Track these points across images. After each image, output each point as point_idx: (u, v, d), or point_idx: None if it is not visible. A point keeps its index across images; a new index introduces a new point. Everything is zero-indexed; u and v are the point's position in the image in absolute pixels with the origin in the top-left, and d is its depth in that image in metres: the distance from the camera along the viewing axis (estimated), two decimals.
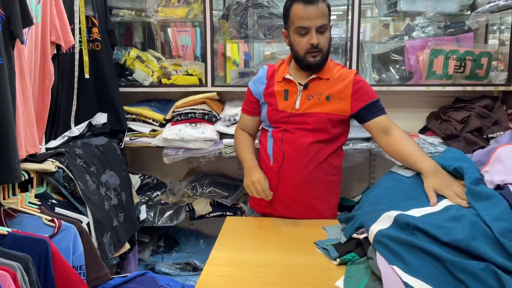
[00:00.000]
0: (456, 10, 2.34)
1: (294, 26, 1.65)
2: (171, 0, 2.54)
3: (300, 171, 1.72)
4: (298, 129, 1.72)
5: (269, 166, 1.77)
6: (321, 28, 1.63)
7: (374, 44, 2.55)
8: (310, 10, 1.61)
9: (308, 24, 1.62)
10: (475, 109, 2.20)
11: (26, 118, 1.56)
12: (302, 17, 1.62)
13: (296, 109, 1.72)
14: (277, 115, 1.75)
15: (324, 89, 1.71)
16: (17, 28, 1.40)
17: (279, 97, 1.75)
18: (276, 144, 1.75)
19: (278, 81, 1.77)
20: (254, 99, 1.83)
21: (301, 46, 1.65)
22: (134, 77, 2.51)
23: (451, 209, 1.24)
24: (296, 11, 1.63)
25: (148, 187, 2.59)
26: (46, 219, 1.56)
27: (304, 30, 1.63)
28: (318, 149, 1.72)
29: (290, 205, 1.76)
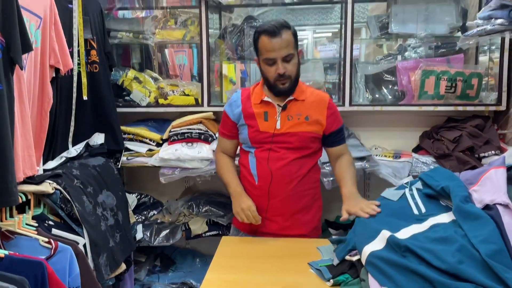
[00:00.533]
0: (446, 32, 2.40)
1: (262, 57, 1.75)
2: (168, 23, 2.60)
3: (286, 187, 1.81)
4: (281, 147, 1.81)
5: (254, 185, 1.83)
6: (287, 57, 1.73)
7: (367, 65, 2.61)
8: (275, 42, 1.70)
9: (274, 56, 1.72)
10: (467, 128, 2.24)
11: (25, 141, 1.59)
12: (268, 49, 1.72)
13: (277, 129, 1.80)
14: (259, 136, 1.82)
15: (302, 110, 1.81)
16: (16, 54, 1.43)
17: (259, 119, 1.82)
18: (260, 163, 1.82)
19: (256, 103, 1.83)
20: (231, 122, 1.88)
21: (270, 75, 1.76)
22: (132, 97, 2.55)
23: (438, 228, 1.28)
24: (263, 43, 1.73)
25: (145, 206, 2.60)
26: (43, 240, 1.57)
27: (271, 61, 1.73)
28: (301, 164, 1.83)
29: (278, 220, 1.83)
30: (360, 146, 2.39)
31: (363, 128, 2.61)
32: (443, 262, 1.12)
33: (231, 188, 1.86)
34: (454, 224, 1.28)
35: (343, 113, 2.48)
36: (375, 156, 2.35)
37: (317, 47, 4.77)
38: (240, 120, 1.85)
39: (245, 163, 1.88)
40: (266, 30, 1.71)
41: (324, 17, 5.11)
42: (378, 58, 2.84)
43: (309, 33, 4.64)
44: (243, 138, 1.87)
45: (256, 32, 1.77)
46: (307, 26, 4.91)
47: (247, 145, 1.87)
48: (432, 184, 1.48)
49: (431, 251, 1.17)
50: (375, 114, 2.53)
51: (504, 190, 1.29)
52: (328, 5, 4.45)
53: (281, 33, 1.70)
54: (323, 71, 2.62)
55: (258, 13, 2.88)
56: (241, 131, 1.87)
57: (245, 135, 1.85)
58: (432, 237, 1.24)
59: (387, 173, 2.21)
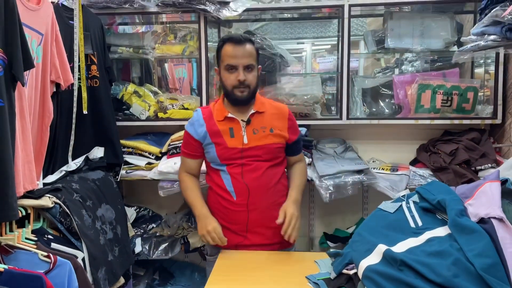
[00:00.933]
0: (442, 46, 2.44)
1: (224, 64, 1.80)
2: (168, 37, 2.63)
3: (264, 198, 1.85)
4: (252, 161, 1.84)
5: (233, 201, 1.85)
6: (248, 67, 1.79)
7: (364, 79, 2.64)
8: (238, 50, 1.78)
9: (235, 62, 1.77)
10: (463, 141, 2.26)
11: (25, 156, 1.61)
12: (231, 55, 1.78)
13: (245, 144, 1.83)
14: (228, 153, 1.84)
15: (266, 122, 1.87)
16: (18, 71, 1.46)
17: (225, 136, 1.84)
18: (235, 178, 1.84)
19: (219, 120, 1.86)
20: (196, 142, 1.89)
21: (229, 82, 1.80)
22: (131, 111, 2.58)
23: (434, 241, 1.28)
24: (226, 50, 1.79)
25: (144, 219, 2.61)
26: (42, 254, 1.57)
27: (232, 68, 1.78)
28: (274, 173, 1.88)
29: (261, 232, 1.86)
30: (357, 159, 2.41)
31: (361, 141, 2.64)
32: (439, 276, 1.13)
33: (196, 209, 1.88)
34: (450, 237, 1.30)
35: (340, 126, 2.53)
36: (372, 169, 2.36)
37: (316, 59, 4.82)
38: (206, 139, 1.86)
39: (218, 181, 1.88)
40: (231, 38, 1.81)
41: (322, 30, 5.16)
42: (376, 71, 2.88)
43: (308, 46, 4.68)
44: (211, 157, 1.88)
45: (221, 40, 1.84)
46: (306, 39, 4.95)
47: (216, 163, 1.88)
48: (429, 197, 1.50)
49: (427, 264, 1.18)
50: (372, 127, 2.56)
51: (499, 204, 1.30)
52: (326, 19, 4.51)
53: (245, 43, 1.79)
54: (320, 85, 2.65)
55: (256, 28, 2.93)
56: (208, 150, 1.88)
57: (213, 154, 1.86)
58: (428, 251, 1.25)
59: (385, 186, 2.23)
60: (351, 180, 2.25)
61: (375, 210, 1.63)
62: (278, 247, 1.88)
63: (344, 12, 2.35)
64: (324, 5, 2.56)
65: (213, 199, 1.92)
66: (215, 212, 1.91)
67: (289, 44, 3.92)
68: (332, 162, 2.37)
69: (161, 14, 2.57)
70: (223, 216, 1.88)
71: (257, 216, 1.84)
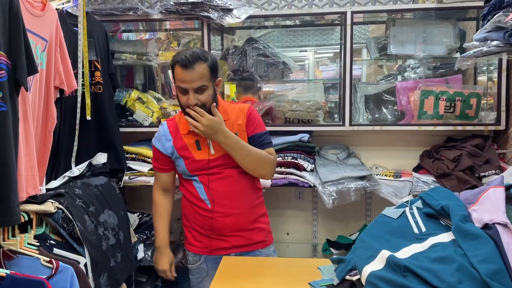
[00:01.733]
0: (445, 53, 2.44)
1: (176, 85, 1.78)
2: (171, 44, 2.65)
3: (240, 201, 1.87)
4: (222, 169, 1.85)
5: (208, 209, 1.87)
6: (199, 89, 1.74)
7: (367, 85, 2.64)
8: (186, 74, 1.71)
9: (185, 86, 1.74)
10: (467, 148, 2.25)
11: (28, 161, 1.61)
12: (180, 79, 1.74)
13: (212, 154, 1.84)
14: (196, 165, 1.85)
15: (230, 128, 1.82)
16: (22, 76, 1.47)
17: (192, 149, 1.85)
18: (208, 187, 1.86)
19: (185, 134, 1.86)
20: (165, 157, 1.90)
21: (183, 103, 1.78)
22: (135, 117, 2.59)
23: (438, 247, 1.27)
24: (176, 73, 1.75)
25: (146, 225, 2.60)
26: (44, 260, 1.57)
27: (183, 90, 1.75)
28: (245, 176, 1.89)
29: (240, 234, 1.89)
30: (360, 165, 2.40)
31: (364, 147, 2.63)
32: (443, 282, 1.12)
33: (156, 240, 1.99)
34: (454, 243, 1.29)
35: (344, 132, 2.53)
36: (375, 176, 2.36)
37: (318, 67, 4.83)
38: (174, 154, 1.88)
39: (192, 190, 1.90)
40: (179, 61, 1.72)
41: (325, 38, 5.18)
42: (379, 78, 2.89)
43: (311, 54, 4.70)
44: (181, 170, 1.90)
45: (173, 61, 1.77)
46: (308, 47, 4.97)
47: (186, 175, 1.90)
48: (432, 203, 1.49)
49: (431, 270, 1.17)
50: (375, 133, 2.55)
51: (503, 210, 1.30)
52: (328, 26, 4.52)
53: (194, 66, 1.70)
54: (323, 91, 2.66)
55: (259, 35, 2.94)
56: (177, 163, 1.90)
57: (182, 167, 1.88)
58: (432, 256, 1.24)
59: (388, 192, 2.22)
60: (354, 186, 2.24)
61: (378, 216, 1.62)
62: (258, 246, 1.92)
63: (347, 19, 2.36)
64: (327, 12, 2.57)
65: (187, 207, 1.95)
66: (190, 220, 1.95)
67: (292, 52, 3.94)
68: (335, 168, 2.37)
69: (165, 21, 2.59)
70: (199, 223, 1.91)
71: (235, 220, 1.87)
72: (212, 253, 1.91)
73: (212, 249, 1.90)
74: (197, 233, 1.93)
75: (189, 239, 1.98)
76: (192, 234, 1.96)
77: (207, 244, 1.90)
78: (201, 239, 1.92)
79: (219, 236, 1.89)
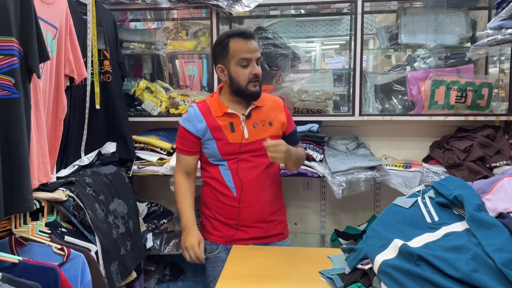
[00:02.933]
0: (456, 42, 2.41)
1: (236, 59, 1.78)
2: (180, 34, 2.63)
3: (264, 192, 1.88)
4: (253, 156, 1.85)
5: (233, 197, 1.86)
6: (258, 61, 1.81)
7: (377, 75, 2.62)
8: (251, 44, 1.78)
9: (250, 56, 1.77)
10: (478, 138, 2.23)
11: (40, 149, 1.61)
12: (244, 49, 1.77)
13: (246, 138, 1.84)
14: (229, 148, 1.84)
15: (264, 115, 1.87)
16: (34, 63, 1.46)
17: (226, 131, 1.84)
18: (236, 174, 1.85)
19: (218, 116, 1.85)
20: (194, 138, 1.87)
21: (244, 77, 1.78)
22: (143, 107, 2.58)
23: (451, 236, 1.27)
24: (237, 45, 1.77)
25: (155, 215, 2.61)
26: (56, 247, 1.58)
27: (246, 62, 1.77)
28: (272, 167, 1.90)
29: (261, 226, 1.89)
30: (370, 156, 2.39)
31: (373, 137, 2.62)
32: (457, 271, 1.11)
33: (182, 220, 1.91)
34: (468, 232, 1.28)
35: (353, 122, 2.51)
36: (385, 166, 2.35)
37: (324, 59, 4.81)
38: (206, 135, 1.85)
39: (218, 176, 1.88)
40: (243, 32, 1.80)
41: (332, 29, 5.15)
42: (387, 69, 2.86)
43: (318, 45, 4.68)
44: (210, 152, 1.87)
45: (227, 35, 1.81)
46: (316, 37, 4.95)
47: (215, 159, 1.88)
48: (445, 192, 1.48)
49: (445, 259, 1.16)
50: (385, 124, 2.54)
51: None
52: (336, 17, 4.48)
53: (254, 37, 1.82)
54: (332, 81, 2.64)
55: (268, 25, 2.92)
56: (207, 145, 1.87)
57: (213, 149, 1.85)
58: (446, 246, 1.23)
59: (398, 182, 2.21)
60: (364, 176, 2.23)
61: (390, 206, 1.61)
62: (275, 239, 1.93)
63: (358, 8, 2.33)
64: (337, 0, 2.54)
65: (209, 195, 1.93)
66: (212, 208, 1.93)
67: (299, 43, 3.92)
68: (344, 159, 2.36)
69: (173, 10, 2.57)
70: (220, 211, 1.90)
71: (258, 211, 1.87)
72: (230, 243, 1.89)
73: (231, 239, 1.88)
74: (218, 223, 1.92)
75: (207, 227, 1.96)
76: (212, 224, 1.94)
77: (226, 234, 1.89)
78: (220, 228, 1.90)
79: (241, 227, 1.88)
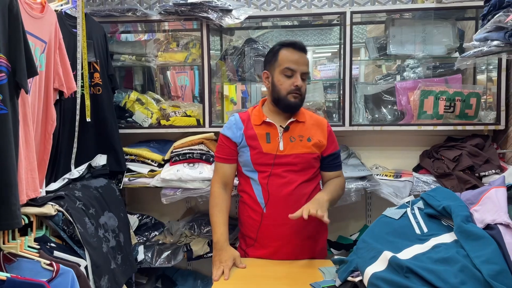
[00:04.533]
0: (444, 53, 2.44)
1: (281, 67, 1.78)
2: (170, 45, 2.64)
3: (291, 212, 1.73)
4: (286, 171, 1.79)
5: (262, 213, 1.81)
6: (304, 75, 1.78)
7: (366, 85, 2.64)
8: (299, 56, 1.78)
9: (295, 67, 1.76)
10: (467, 148, 2.25)
11: (28, 164, 1.60)
12: (292, 60, 1.76)
13: (280, 150, 1.79)
14: (262, 158, 1.80)
15: (304, 131, 1.83)
16: (22, 79, 1.46)
17: (261, 140, 1.81)
18: (266, 190, 1.80)
19: (256, 125, 1.83)
20: (232, 144, 1.85)
21: (285, 86, 1.77)
22: (134, 118, 2.58)
23: (440, 248, 1.27)
24: (285, 54, 1.78)
25: (146, 227, 2.59)
26: (45, 263, 1.57)
27: (290, 72, 1.76)
28: (307, 187, 1.82)
29: (289, 247, 1.80)
30: (360, 166, 2.40)
31: (364, 147, 2.63)
32: (446, 283, 1.12)
33: (214, 235, 1.81)
34: (456, 244, 1.29)
35: (343, 132, 2.52)
36: (375, 176, 2.36)
37: (317, 67, 4.84)
38: (242, 142, 1.83)
39: (249, 191, 1.84)
40: (294, 43, 1.80)
41: (323, 38, 5.18)
42: (377, 78, 2.89)
43: (309, 54, 4.70)
44: (244, 161, 1.84)
45: (280, 44, 1.81)
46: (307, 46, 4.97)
47: (248, 169, 1.84)
48: (433, 204, 1.49)
49: (434, 271, 1.17)
50: (375, 133, 2.55)
51: (505, 210, 1.30)
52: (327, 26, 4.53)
53: (304, 52, 1.81)
54: (322, 92, 2.66)
55: (258, 35, 2.94)
56: (242, 153, 1.84)
57: (246, 157, 1.82)
58: (434, 257, 1.24)
59: (388, 192, 2.22)
60: (355, 186, 2.24)
61: (380, 217, 1.61)
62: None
63: (346, 19, 2.36)
64: (326, 12, 2.57)
65: (242, 210, 1.90)
66: (243, 224, 1.89)
67: None
68: None
69: (164, 22, 2.58)
70: (252, 229, 1.84)
71: (287, 231, 1.79)
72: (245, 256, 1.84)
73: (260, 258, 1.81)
74: (244, 242, 1.89)
75: (241, 244, 1.92)
76: (245, 240, 1.89)
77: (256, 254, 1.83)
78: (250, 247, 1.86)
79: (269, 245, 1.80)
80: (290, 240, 1.80)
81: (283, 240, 1.80)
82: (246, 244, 1.89)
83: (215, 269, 1.69)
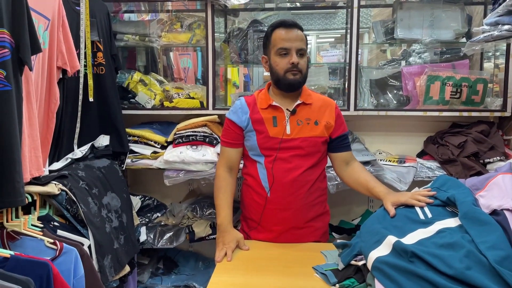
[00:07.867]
0: (452, 38, 2.40)
1: (275, 48, 1.76)
2: (174, 26, 2.60)
3: (299, 197, 1.78)
4: (292, 156, 1.77)
5: (266, 197, 1.80)
6: (300, 51, 1.75)
7: (372, 70, 2.61)
8: (291, 33, 1.75)
9: (288, 45, 1.74)
10: (472, 134, 2.24)
11: (32, 142, 1.59)
12: (283, 39, 1.74)
13: (287, 134, 1.77)
14: (269, 142, 1.78)
15: (311, 114, 1.80)
16: (26, 55, 1.44)
17: (268, 124, 1.79)
18: (271, 174, 1.78)
19: (263, 108, 1.81)
20: (238, 129, 1.83)
21: (281, 66, 1.75)
22: (137, 100, 2.56)
23: (445, 233, 1.27)
24: (278, 35, 1.76)
25: (149, 208, 2.60)
26: (48, 241, 1.57)
27: (284, 51, 1.74)
28: (312, 172, 1.80)
29: (293, 232, 1.80)
30: (364, 151, 2.39)
31: (368, 132, 2.62)
32: (451, 268, 1.12)
33: (219, 218, 1.80)
34: (461, 229, 1.28)
35: (348, 117, 2.50)
36: (379, 161, 2.35)
37: (319, 52, 4.80)
38: (248, 126, 1.81)
39: (254, 174, 1.83)
40: (283, 22, 1.77)
41: (327, 22, 5.14)
42: (381, 64, 2.86)
43: (313, 38, 4.66)
44: (250, 145, 1.82)
45: (270, 26, 1.80)
46: (311, 31, 4.94)
47: (254, 153, 1.82)
48: (438, 195, 1.48)
49: (438, 256, 1.16)
50: (379, 118, 2.53)
51: None
52: (332, 10, 4.47)
53: (296, 28, 1.77)
54: (328, 76, 2.63)
55: (263, 17, 2.90)
56: (248, 137, 1.82)
57: (253, 142, 1.80)
58: (439, 242, 1.24)
59: (392, 178, 2.21)
60: None
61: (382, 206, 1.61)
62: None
63: (354, 2, 2.32)
64: None
65: (246, 193, 1.89)
66: (247, 207, 1.89)
67: None
68: None
69: (168, 1, 2.54)
70: (255, 213, 1.84)
71: (291, 216, 1.79)
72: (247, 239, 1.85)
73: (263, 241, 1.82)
74: (246, 225, 1.90)
75: (243, 227, 1.93)
76: (248, 224, 1.90)
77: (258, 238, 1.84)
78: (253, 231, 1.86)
79: (271, 230, 1.81)
80: (293, 225, 1.80)
81: (286, 224, 1.80)
82: (248, 227, 1.89)
83: (218, 250, 1.70)
